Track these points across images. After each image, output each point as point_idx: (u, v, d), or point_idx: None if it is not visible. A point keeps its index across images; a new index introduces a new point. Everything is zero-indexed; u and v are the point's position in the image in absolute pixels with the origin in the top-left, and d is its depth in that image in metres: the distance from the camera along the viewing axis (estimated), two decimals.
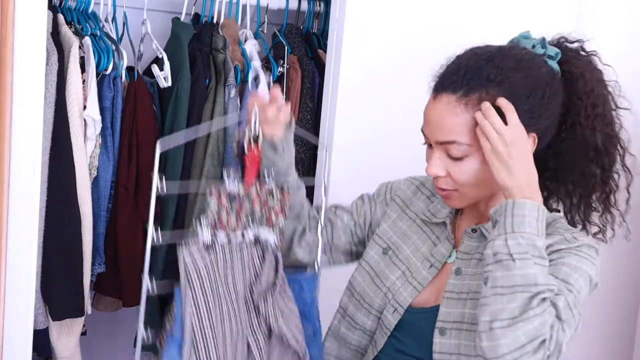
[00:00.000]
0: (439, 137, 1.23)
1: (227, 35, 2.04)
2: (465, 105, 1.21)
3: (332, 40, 1.93)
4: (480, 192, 1.28)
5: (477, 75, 1.21)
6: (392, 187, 1.50)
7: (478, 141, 1.20)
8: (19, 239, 1.53)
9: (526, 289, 1.12)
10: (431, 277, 1.34)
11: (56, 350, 1.79)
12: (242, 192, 1.38)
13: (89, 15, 1.90)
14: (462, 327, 1.25)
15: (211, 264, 1.32)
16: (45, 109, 1.62)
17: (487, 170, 1.22)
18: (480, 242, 1.30)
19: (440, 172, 1.25)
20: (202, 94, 1.93)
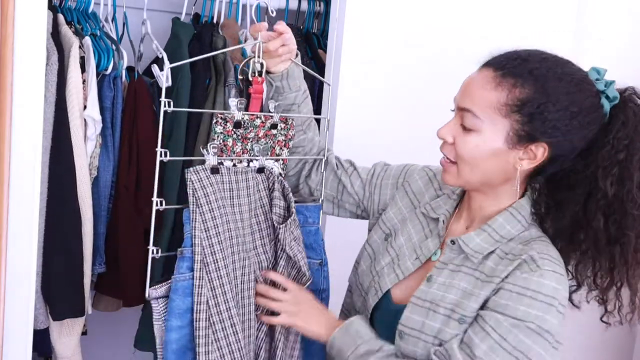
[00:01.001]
0: (461, 102, 1.26)
1: (227, 35, 2.04)
2: (497, 85, 1.22)
3: (332, 40, 1.93)
4: (474, 176, 1.27)
5: (524, 65, 1.22)
6: (407, 172, 1.51)
7: (491, 121, 1.21)
8: (19, 239, 1.53)
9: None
10: (414, 269, 1.36)
11: (56, 350, 1.79)
12: (246, 120, 1.41)
13: (89, 15, 1.90)
14: (420, 337, 1.27)
15: (217, 185, 1.36)
16: (45, 109, 1.62)
17: (486, 155, 1.23)
18: (458, 254, 1.31)
19: (448, 136, 1.27)
20: (202, 94, 1.93)
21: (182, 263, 1.37)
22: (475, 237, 1.29)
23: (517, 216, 1.29)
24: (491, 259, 1.27)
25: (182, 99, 1.89)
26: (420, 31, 1.99)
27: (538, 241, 1.27)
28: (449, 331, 1.24)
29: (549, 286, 1.19)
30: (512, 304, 1.19)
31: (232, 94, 1.95)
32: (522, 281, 1.19)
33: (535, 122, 1.21)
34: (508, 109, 1.21)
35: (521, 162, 1.24)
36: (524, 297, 1.18)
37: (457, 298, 1.26)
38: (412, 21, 1.98)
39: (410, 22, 1.98)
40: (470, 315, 1.23)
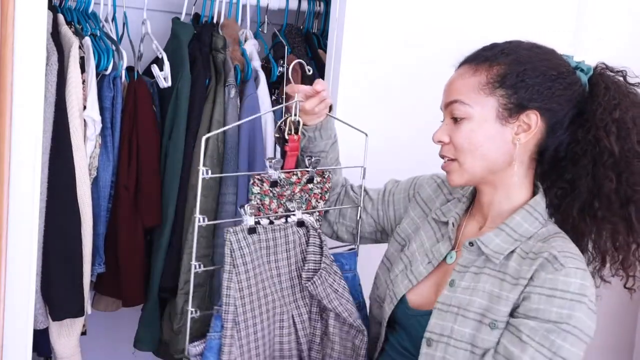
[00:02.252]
0: (446, 99, 1.30)
1: (227, 35, 2.04)
2: (475, 71, 1.27)
3: (332, 40, 1.93)
4: (477, 164, 1.28)
5: (494, 49, 1.29)
6: (416, 184, 1.53)
7: (478, 103, 1.25)
8: (19, 239, 1.53)
9: None
10: (427, 273, 1.36)
11: (56, 350, 1.79)
12: (282, 178, 1.43)
13: (89, 15, 1.90)
14: (450, 342, 1.26)
15: (255, 245, 1.37)
16: (45, 109, 1.62)
17: (483, 138, 1.25)
18: (478, 255, 1.30)
19: (444, 137, 1.30)
20: (202, 94, 1.93)
21: (217, 321, 1.39)
22: (494, 237, 1.29)
23: (534, 213, 1.29)
24: (513, 259, 1.27)
25: (182, 99, 1.89)
26: (420, 31, 1.99)
27: (557, 238, 1.27)
28: (481, 337, 1.23)
29: (576, 284, 1.19)
30: (543, 307, 1.19)
31: (232, 93, 1.95)
32: (549, 282, 1.19)
33: (520, 91, 1.25)
34: (491, 87, 1.25)
35: (518, 136, 1.26)
36: (554, 299, 1.18)
37: (485, 302, 1.25)
38: (412, 21, 1.98)
39: (410, 22, 1.98)
40: (502, 319, 1.23)
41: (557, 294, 1.18)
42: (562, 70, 1.27)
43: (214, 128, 1.94)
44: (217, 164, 1.94)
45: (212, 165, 1.93)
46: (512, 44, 1.29)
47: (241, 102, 1.98)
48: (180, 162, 1.91)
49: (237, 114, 1.97)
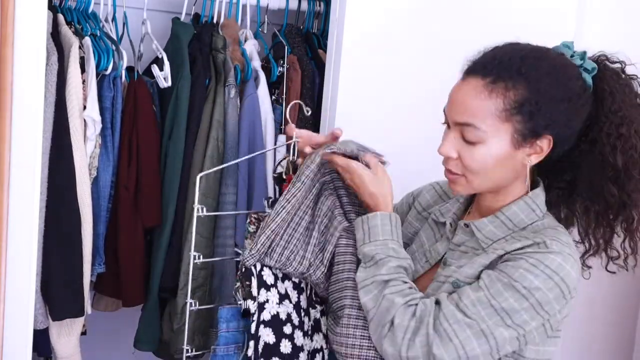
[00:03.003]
0: (458, 117, 1.24)
1: (227, 35, 2.04)
2: (490, 92, 1.21)
3: (332, 40, 1.93)
4: (485, 184, 1.27)
5: (509, 66, 1.22)
6: (413, 195, 1.54)
7: (494, 129, 1.21)
8: (19, 239, 1.53)
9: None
10: (423, 272, 1.37)
11: (56, 350, 1.79)
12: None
13: (89, 15, 1.90)
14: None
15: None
16: (45, 109, 1.62)
17: (497, 162, 1.23)
18: (470, 237, 1.31)
19: (452, 153, 1.26)
20: (202, 94, 1.93)
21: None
22: (489, 223, 1.29)
23: (532, 205, 1.29)
24: (499, 242, 1.28)
25: (182, 99, 1.89)
26: (420, 31, 1.99)
27: (550, 230, 1.27)
28: (443, 294, 1.25)
29: (555, 261, 1.19)
30: (510, 265, 1.19)
31: (232, 93, 1.95)
32: (527, 255, 1.20)
33: (537, 119, 1.22)
34: (508, 113, 1.21)
35: (529, 157, 1.25)
36: (525, 263, 1.18)
37: (455, 269, 1.28)
38: (412, 21, 1.98)
39: (410, 21, 1.98)
40: (464, 280, 1.24)
41: (530, 260, 1.19)
42: (577, 90, 1.24)
43: (214, 128, 1.93)
44: (217, 164, 1.94)
45: (212, 165, 1.93)
46: (528, 61, 1.23)
47: (241, 102, 1.98)
48: (180, 162, 1.91)
49: (237, 114, 1.96)
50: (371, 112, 1.97)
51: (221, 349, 1.35)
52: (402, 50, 1.98)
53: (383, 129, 1.98)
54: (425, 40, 1.99)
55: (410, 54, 1.98)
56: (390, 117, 1.99)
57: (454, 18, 2.01)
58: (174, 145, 1.90)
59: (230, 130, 1.95)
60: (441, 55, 1.97)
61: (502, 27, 2.03)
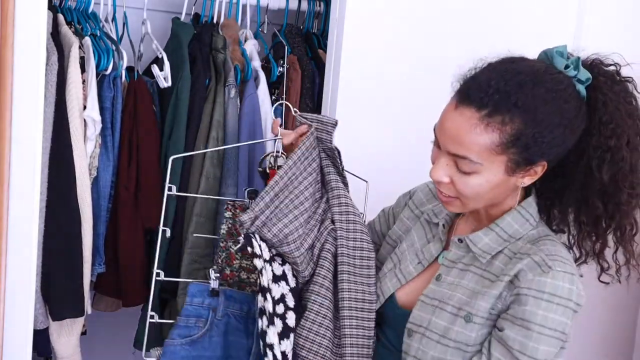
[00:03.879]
0: (452, 149, 1.22)
1: (227, 35, 2.04)
2: (486, 126, 1.18)
3: (332, 40, 1.93)
4: (481, 204, 1.28)
5: (506, 98, 1.18)
6: (410, 194, 1.53)
7: (489, 162, 1.20)
8: (19, 239, 1.53)
9: None
10: (416, 273, 1.36)
11: (56, 350, 1.79)
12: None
13: (89, 15, 1.90)
14: (425, 334, 1.27)
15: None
16: (45, 109, 1.62)
17: (491, 188, 1.23)
18: (466, 252, 1.31)
19: (444, 178, 1.24)
20: (202, 94, 1.93)
21: (175, 330, 1.43)
22: (484, 236, 1.29)
23: (525, 215, 1.29)
24: (499, 258, 1.27)
25: (182, 99, 1.89)
26: (420, 31, 1.99)
27: (546, 240, 1.26)
28: (455, 329, 1.24)
29: (564, 288, 1.19)
30: (528, 311, 1.19)
31: (232, 93, 1.95)
32: (536, 284, 1.19)
33: (532, 149, 1.20)
34: (503, 147, 1.19)
35: (522, 179, 1.25)
36: (541, 302, 1.19)
37: (465, 297, 1.26)
38: (412, 21, 1.98)
39: (411, 22, 1.97)
40: (479, 314, 1.23)
41: (544, 297, 1.18)
42: (573, 112, 1.22)
43: (214, 128, 1.93)
44: (217, 164, 1.94)
45: (212, 166, 1.93)
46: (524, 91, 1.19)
47: (241, 102, 1.98)
48: (180, 162, 1.91)
49: (237, 114, 1.96)
50: (371, 112, 1.97)
51: (182, 319, 1.42)
52: (402, 50, 1.98)
53: (383, 129, 1.99)
54: (425, 40, 1.99)
55: (410, 54, 1.98)
56: (390, 117, 1.99)
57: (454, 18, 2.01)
58: (174, 145, 1.90)
59: (230, 130, 1.95)
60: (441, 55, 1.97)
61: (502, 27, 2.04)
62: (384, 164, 1.96)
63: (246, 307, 1.47)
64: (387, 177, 1.71)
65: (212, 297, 1.43)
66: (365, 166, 1.95)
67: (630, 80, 1.30)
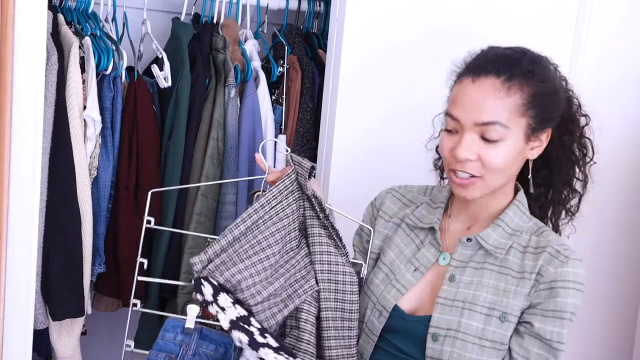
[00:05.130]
0: (479, 118, 1.24)
1: (227, 35, 2.04)
2: (508, 90, 1.24)
3: (332, 40, 1.93)
4: (500, 182, 1.30)
5: (518, 64, 1.27)
6: (374, 205, 1.49)
7: (515, 124, 1.25)
8: (19, 239, 1.53)
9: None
10: (415, 281, 1.35)
11: (56, 350, 1.79)
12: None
13: (89, 15, 1.90)
14: (457, 336, 1.27)
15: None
16: (45, 109, 1.62)
17: (513, 158, 1.27)
18: (475, 250, 1.32)
19: (472, 155, 1.25)
20: (202, 94, 1.93)
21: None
22: (492, 232, 1.32)
23: (522, 208, 1.34)
24: (512, 253, 1.31)
25: (182, 99, 1.89)
26: (420, 31, 1.98)
27: (546, 231, 1.33)
28: (491, 329, 1.26)
29: (582, 275, 1.26)
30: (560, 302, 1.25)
31: (232, 93, 1.95)
32: (560, 275, 1.25)
33: (544, 111, 1.27)
34: (524, 108, 1.25)
35: (532, 151, 1.30)
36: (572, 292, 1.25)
37: (491, 296, 1.28)
38: (412, 21, 1.98)
39: (410, 21, 1.97)
40: (513, 313, 1.27)
41: (569, 285, 1.25)
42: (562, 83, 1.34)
43: (214, 128, 1.94)
44: (217, 164, 1.94)
45: (212, 166, 1.93)
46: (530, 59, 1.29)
47: (241, 102, 1.98)
48: (180, 162, 1.91)
49: (237, 114, 1.97)
50: (371, 112, 1.97)
51: (153, 353, 1.41)
52: (402, 50, 1.98)
53: (383, 129, 1.98)
54: (426, 40, 1.99)
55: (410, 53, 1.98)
56: (390, 117, 1.99)
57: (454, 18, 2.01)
58: (174, 145, 1.90)
59: (230, 130, 1.95)
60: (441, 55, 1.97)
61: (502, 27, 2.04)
62: (384, 164, 1.96)
63: (222, 348, 1.41)
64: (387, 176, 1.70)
65: (185, 334, 1.40)
66: (365, 166, 1.96)
67: (563, 78, 1.40)
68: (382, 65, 1.96)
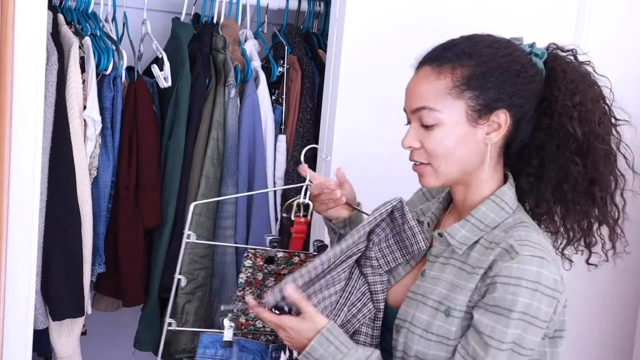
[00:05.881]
0: (413, 104, 1.28)
1: (227, 35, 2.04)
2: (439, 74, 1.25)
3: (332, 40, 1.93)
4: (451, 168, 1.27)
5: (453, 48, 1.27)
6: (423, 192, 1.53)
7: (448, 108, 1.24)
8: (19, 239, 1.53)
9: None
10: (404, 273, 1.36)
11: (56, 350, 1.79)
12: (280, 257, 1.42)
13: (89, 15, 1.90)
14: (410, 328, 1.28)
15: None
16: (45, 109, 1.62)
17: (457, 142, 1.25)
18: (446, 246, 1.31)
19: (414, 142, 1.28)
20: (202, 94, 1.93)
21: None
22: (460, 228, 1.29)
23: (500, 203, 1.29)
24: (476, 249, 1.28)
25: (182, 99, 1.89)
26: (420, 31, 1.98)
27: (520, 227, 1.27)
28: (436, 323, 1.25)
29: (531, 271, 1.19)
30: (498, 297, 1.19)
31: (232, 93, 1.95)
32: (505, 270, 1.20)
33: (487, 92, 1.24)
34: (458, 90, 1.24)
35: (489, 136, 1.26)
36: (509, 287, 1.19)
37: (445, 291, 1.27)
38: (413, 21, 1.98)
39: (411, 21, 1.97)
40: (457, 308, 1.24)
41: (511, 281, 1.19)
42: (524, 62, 1.27)
43: (214, 128, 1.94)
44: (217, 164, 1.94)
45: (212, 166, 1.93)
46: (471, 41, 1.27)
47: (241, 102, 1.98)
48: (180, 162, 1.91)
49: (237, 114, 1.97)
50: (371, 112, 1.97)
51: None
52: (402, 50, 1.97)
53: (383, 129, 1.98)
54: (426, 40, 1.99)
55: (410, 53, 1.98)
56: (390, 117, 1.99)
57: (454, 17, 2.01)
58: (174, 145, 1.90)
59: (230, 130, 1.95)
60: None
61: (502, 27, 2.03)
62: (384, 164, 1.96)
63: (259, 357, 1.43)
64: (387, 176, 1.71)
65: (225, 349, 1.39)
66: (366, 166, 1.95)
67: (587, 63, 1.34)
68: (382, 65, 1.96)
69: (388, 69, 1.97)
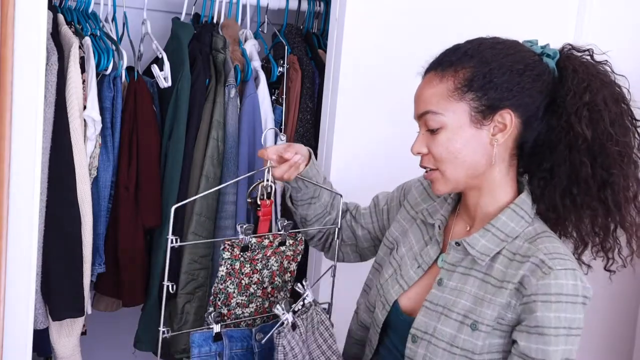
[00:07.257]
0: (418, 110, 1.30)
1: (227, 35, 2.04)
2: (441, 78, 1.26)
3: (332, 40, 1.93)
4: (459, 172, 1.27)
5: (456, 52, 1.28)
6: (405, 189, 1.53)
7: (451, 111, 1.24)
8: (19, 239, 1.53)
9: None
10: (417, 278, 1.35)
11: (56, 350, 1.79)
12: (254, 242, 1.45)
13: (89, 15, 1.90)
14: (431, 341, 1.27)
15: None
16: (45, 109, 1.62)
17: (463, 145, 1.24)
18: (464, 255, 1.30)
19: (422, 148, 1.29)
20: (202, 94, 1.93)
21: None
22: (480, 238, 1.28)
23: (520, 212, 1.28)
24: (499, 261, 1.26)
25: (182, 99, 1.89)
26: (420, 31, 1.99)
27: (544, 238, 1.26)
28: (462, 337, 1.24)
29: (568, 285, 1.19)
30: (539, 316, 1.19)
31: (232, 93, 1.95)
32: (541, 288, 1.19)
33: (489, 92, 1.23)
34: (460, 92, 1.24)
35: (495, 137, 1.25)
36: (550, 305, 1.19)
37: (469, 304, 1.25)
38: (412, 20, 1.98)
39: (410, 22, 1.98)
40: (485, 322, 1.23)
41: (552, 299, 1.18)
42: (529, 61, 1.25)
43: (214, 128, 1.94)
44: (217, 164, 1.94)
45: (212, 165, 1.93)
46: (474, 44, 1.28)
47: (241, 102, 1.98)
48: (180, 162, 1.91)
49: (237, 114, 1.97)
50: (371, 112, 1.97)
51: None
52: (402, 50, 1.98)
53: (383, 129, 1.99)
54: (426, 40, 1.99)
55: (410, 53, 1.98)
56: (390, 117, 1.99)
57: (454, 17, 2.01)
58: (174, 145, 1.90)
59: (230, 130, 1.95)
60: None
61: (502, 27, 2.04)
62: (383, 164, 1.96)
63: (245, 343, 1.46)
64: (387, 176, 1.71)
65: (216, 342, 1.43)
66: (365, 166, 1.96)
67: (604, 62, 1.32)
68: (382, 65, 1.97)
69: (388, 69, 1.97)
